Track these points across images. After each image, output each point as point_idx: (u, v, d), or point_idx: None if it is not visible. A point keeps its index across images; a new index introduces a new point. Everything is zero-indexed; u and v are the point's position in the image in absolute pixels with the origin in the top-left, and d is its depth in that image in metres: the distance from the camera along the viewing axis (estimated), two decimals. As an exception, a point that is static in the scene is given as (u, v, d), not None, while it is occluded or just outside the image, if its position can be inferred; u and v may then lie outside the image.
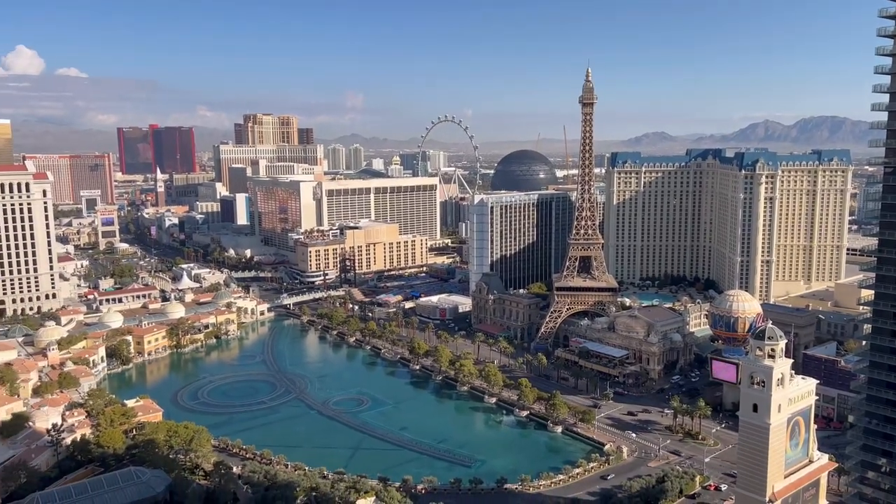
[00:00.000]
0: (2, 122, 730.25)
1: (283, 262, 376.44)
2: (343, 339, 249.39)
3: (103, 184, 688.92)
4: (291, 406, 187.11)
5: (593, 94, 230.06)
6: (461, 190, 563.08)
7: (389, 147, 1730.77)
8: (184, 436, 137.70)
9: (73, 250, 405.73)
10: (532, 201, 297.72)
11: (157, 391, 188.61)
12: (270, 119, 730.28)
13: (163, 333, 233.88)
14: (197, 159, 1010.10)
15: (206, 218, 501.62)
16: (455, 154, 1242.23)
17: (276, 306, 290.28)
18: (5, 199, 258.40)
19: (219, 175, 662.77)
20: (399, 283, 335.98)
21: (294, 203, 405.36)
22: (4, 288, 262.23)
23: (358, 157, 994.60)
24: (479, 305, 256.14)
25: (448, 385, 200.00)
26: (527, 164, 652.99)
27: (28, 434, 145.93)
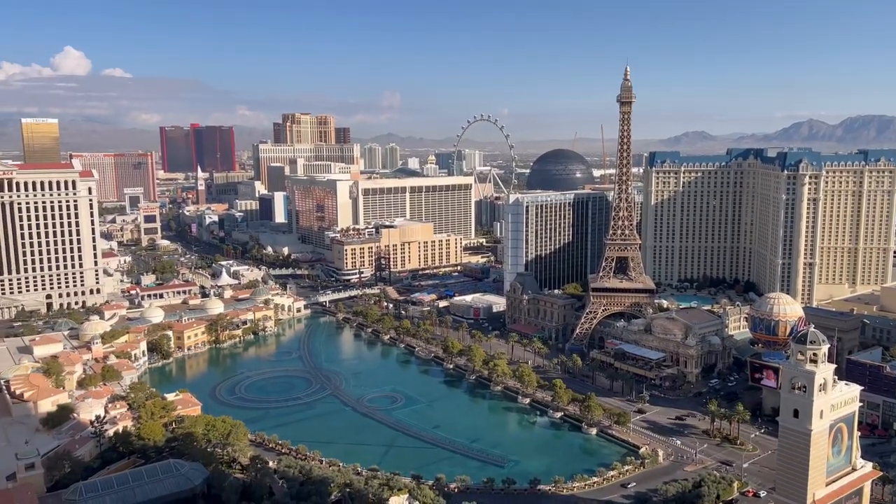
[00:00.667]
0: (50, 121, 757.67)
1: (319, 259, 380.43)
2: (377, 337, 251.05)
3: (146, 182, 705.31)
4: (326, 402, 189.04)
5: (632, 92, 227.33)
6: (496, 189, 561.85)
7: (425, 146, 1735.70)
8: (221, 430, 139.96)
9: (117, 247, 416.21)
10: (568, 201, 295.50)
11: (196, 385, 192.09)
12: (308, 119, 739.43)
13: (202, 329, 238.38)
14: (237, 158, 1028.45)
15: (245, 216, 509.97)
16: (491, 153, 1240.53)
17: (312, 303, 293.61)
18: (53, 197, 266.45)
19: (258, 174, 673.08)
20: (433, 281, 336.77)
21: (331, 202, 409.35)
22: (52, 283, 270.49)
23: (394, 156, 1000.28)
24: (514, 305, 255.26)
25: (481, 385, 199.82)
26: (563, 164, 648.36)
27: (72, 425, 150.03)
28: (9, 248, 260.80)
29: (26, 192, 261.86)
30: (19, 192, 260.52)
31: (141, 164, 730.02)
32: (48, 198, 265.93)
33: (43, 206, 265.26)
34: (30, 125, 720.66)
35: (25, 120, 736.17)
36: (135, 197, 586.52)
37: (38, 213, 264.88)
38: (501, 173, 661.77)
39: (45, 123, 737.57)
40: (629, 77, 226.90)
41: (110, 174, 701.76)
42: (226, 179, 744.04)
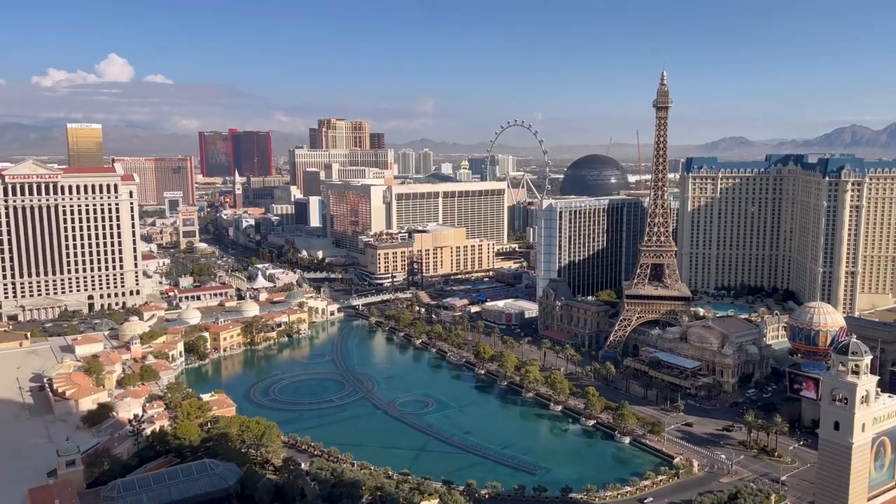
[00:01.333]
0: (94, 126, 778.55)
1: (353, 263, 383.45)
2: (409, 341, 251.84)
3: (185, 186, 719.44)
4: (359, 405, 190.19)
5: (668, 97, 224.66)
6: (529, 194, 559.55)
7: (458, 151, 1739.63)
8: (255, 431, 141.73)
9: (156, 249, 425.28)
10: (602, 206, 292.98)
11: (231, 386, 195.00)
12: (344, 124, 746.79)
13: (238, 331, 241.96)
14: (273, 163, 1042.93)
15: (280, 220, 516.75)
16: (524, 158, 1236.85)
17: (345, 307, 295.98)
18: (96, 200, 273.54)
19: (294, 178, 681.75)
20: (465, 286, 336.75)
21: (364, 206, 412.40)
22: (94, 284, 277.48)
23: (427, 161, 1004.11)
24: (546, 311, 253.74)
25: (513, 391, 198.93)
26: (597, 169, 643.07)
27: (111, 423, 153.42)
28: (53, 249, 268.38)
29: (70, 195, 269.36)
30: (64, 195, 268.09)
31: (180, 168, 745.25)
32: (91, 201, 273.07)
33: (86, 208, 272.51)
34: (75, 130, 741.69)
35: (71, 125, 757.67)
36: (174, 200, 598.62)
37: (82, 216, 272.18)
38: (535, 178, 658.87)
39: (90, 129, 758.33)
40: (665, 82, 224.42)
41: (151, 178, 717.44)
42: (262, 184, 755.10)
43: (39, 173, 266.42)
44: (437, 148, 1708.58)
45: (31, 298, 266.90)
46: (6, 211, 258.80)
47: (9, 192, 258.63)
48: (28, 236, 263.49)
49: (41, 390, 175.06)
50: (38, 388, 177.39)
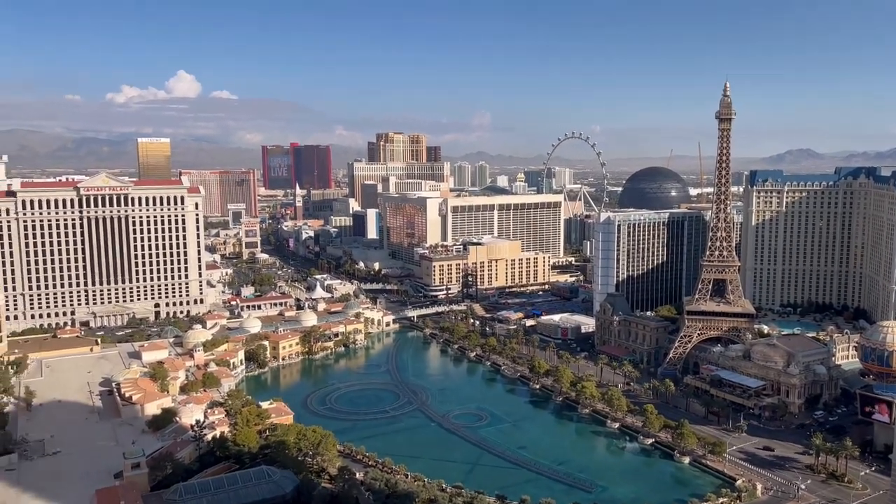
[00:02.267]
0: (163, 140, 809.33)
1: (408, 275, 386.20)
2: (464, 354, 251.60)
3: (248, 198, 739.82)
4: (413, 417, 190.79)
5: (731, 109, 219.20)
6: (587, 207, 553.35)
7: (515, 164, 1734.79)
8: (312, 439, 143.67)
9: (220, 259, 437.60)
10: (662, 220, 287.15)
11: (289, 395, 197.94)
12: (401, 138, 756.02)
13: (296, 340, 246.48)
14: (332, 176, 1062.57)
15: (339, 231, 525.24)
16: (581, 171, 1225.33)
17: (400, 318, 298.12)
18: (164, 211, 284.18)
19: (352, 191, 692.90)
20: (520, 300, 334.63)
21: (420, 218, 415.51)
22: (160, 292, 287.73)
23: (483, 174, 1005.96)
24: (603, 326, 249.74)
25: (569, 406, 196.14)
26: (657, 182, 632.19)
27: (174, 428, 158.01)
28: (123, 258, 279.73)
29: (140, 206, 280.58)
30: (134, 207, 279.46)
31: (244, 181, 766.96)
32: (159, 212, 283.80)
33: (154, 219, 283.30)
34: (145, 144, 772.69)
35: (141, 139, 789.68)
36: (237, 212, 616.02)
37: (150, 227, 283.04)
38: (592, 191, 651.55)
39: (159, 143, 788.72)
40: (729, 93, 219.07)
41: (215, 190, 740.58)
42: (322, 196, 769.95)
43: (112, 185, 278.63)
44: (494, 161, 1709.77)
45: (102, 306, 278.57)
46: (81, 221, 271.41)
47: (83, 203, 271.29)
48: (100, 246, 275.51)
49: (110, 394, 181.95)
50: (107, 392, 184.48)
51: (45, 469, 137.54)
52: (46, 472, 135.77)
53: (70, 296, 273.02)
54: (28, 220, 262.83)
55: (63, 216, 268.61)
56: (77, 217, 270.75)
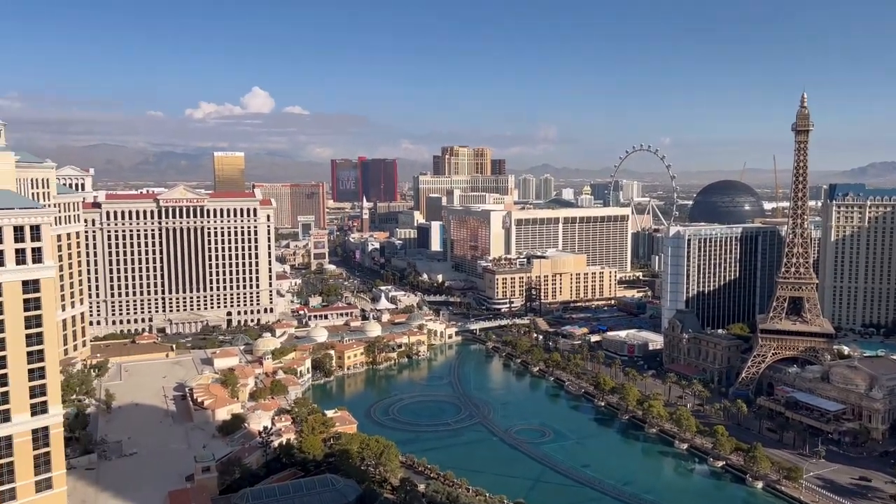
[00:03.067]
0: (237, 154, 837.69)
1: (471, 288, 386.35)
2: (526, 368, 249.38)
3: (317, 210, 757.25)
4: (474, 430, 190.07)
5: (808, 120, 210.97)
6: (655, 221, 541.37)
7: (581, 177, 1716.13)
8: (375, 449, 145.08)
9: (289, 270, 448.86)
10: (735, 235, 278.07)
11: (353, 404, 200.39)
12: (466, 151, 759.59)
13: (361, 350, 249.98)
14: (398, 189, 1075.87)
15: (403, 244, 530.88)
16: (650, 184, 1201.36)
17: (463, 331, 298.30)
18: (237, 223, 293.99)
19: (417, 204, 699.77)
20: (585, 315, 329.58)
21: (484, 231, 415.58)
22: (232, 301, 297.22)
23: (548, 187, 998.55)
24: (672, 344, 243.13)
25: (635, 425, 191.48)
26: (730, 196, 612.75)
27: (243, 434, 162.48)
28: (198, 268, 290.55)
29: (215, 218, 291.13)
30: (209, 218, 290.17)
31: (313, 194, 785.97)
32: (233, 224, 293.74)
33: (228, 230, 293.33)
34: (220, 158, 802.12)
35: (217, 153, 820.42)
36: (307, 224, 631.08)
37: (224, 238, 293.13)
38: (661, 205, 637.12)
39: (234, 156, 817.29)
40: (806, 103, 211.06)
41: (286, 203, 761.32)
42: (388, 209, 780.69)
43: (189, 198, 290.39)
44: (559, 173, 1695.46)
45: (177, 313, 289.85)
46: (160, 232, 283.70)
47: (162, 214, 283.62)
48: (177, 256, 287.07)
49: (183, 399, 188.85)
50: (181, 396, 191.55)
51: (123, 469, 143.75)
52: (123, 473, 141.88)
53: (148, 303, 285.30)
54: (111, 230, 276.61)
55: (143, 227, 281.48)
56: (156, 228, 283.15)
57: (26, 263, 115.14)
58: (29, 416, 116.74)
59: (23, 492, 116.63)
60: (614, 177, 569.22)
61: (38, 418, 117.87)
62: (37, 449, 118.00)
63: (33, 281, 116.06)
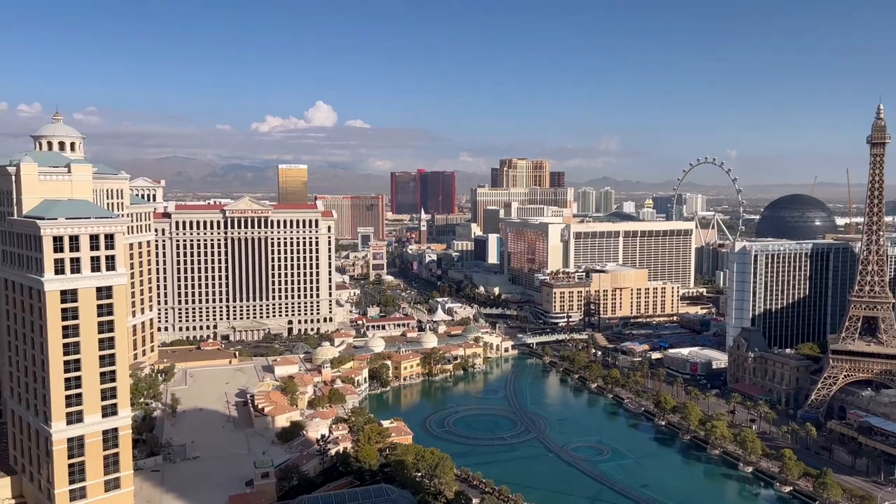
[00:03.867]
0: (301, 167, 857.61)
1: (528, 301, 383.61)
2: (584, 384, 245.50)
3: (376, 222, 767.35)
4: (530, 446, 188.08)
5: (885, 132, 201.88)
6: (720, 236, 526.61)
7: (642, 190, 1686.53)
8: (430, 461, 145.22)
9: (348, 280, 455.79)
10: (805, 251, 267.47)
11: (408, 415, 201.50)
12: (524, 163, 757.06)
13: (417, 361, 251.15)
14: (456, 201, 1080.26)
15: (460, 256, 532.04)
16: (715, 197, 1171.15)
17: (519, 344, 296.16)
18: (299, 234, 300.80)
19: (474, 216, 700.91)
20: (646, 331, 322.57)
21: (542, 244, 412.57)
22: (293, 310, 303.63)
23: (608, 199, 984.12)
24: (737, 363, 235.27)
25: (697, 446, 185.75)
26: (800, 210, 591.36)
27: (301, 441, 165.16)
28: (261, 277, 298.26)
29: (278, 228, 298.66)
30: (272, 229, 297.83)
31: (373, 206, 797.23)
32: (295, 234, 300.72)
33: (290, 241, 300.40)
34: (285, 170, 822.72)
35: (282, 166, 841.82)
36: (366, 235, 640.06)
37: (286, 248, 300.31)
38: (727, 219, 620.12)
39: (297, 169, 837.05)
40: (882, 115, 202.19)
41: (346, 214, 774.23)
42: (445, 221, 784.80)
43: (254, 209, 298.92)
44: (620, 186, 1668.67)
45: (240, 321, 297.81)
46: (226, 242, 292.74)
47: (228, 225, 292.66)
48: (241, 265, 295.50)
49: (244, 405, 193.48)
50: (242, 403, 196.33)
51: (186, 472, 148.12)
52: (186, 475, 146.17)
53: (213, 311, 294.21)
54: (180, 239, 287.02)
55: (210, 237, 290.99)
56: (222, 238, 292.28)
57: (100, 271, 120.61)
58: (100, 417, 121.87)
59: (93, 490, 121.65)
60: (677, 190, 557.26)
61: (109, 420, 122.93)
62: (107, 449, 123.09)
63: (107, 288, 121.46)
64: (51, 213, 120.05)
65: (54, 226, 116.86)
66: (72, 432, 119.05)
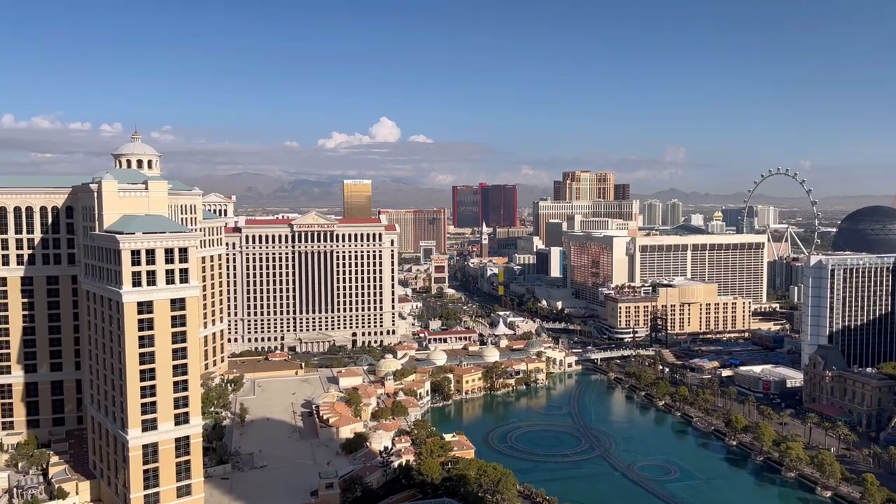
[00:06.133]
0: (365, 182, 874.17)
1: (592, 315, 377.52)
2: (651, 402, 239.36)
3: (438, 235, 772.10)
4: (594, 463, 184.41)
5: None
6: (794, 249, 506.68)
7: (711, 202, 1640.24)
8: (492, 476, 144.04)
9: (411, 293, 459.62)
10: (887, 265, 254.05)
11: (470, 429, 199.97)
12: (588, 176, 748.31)
13: (479, 375, 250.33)
14: (518, 214, 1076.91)
15: (522, 269, 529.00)
16: (788, 210, 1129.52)
17: (583, 360, 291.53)
18: (363, 247, 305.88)
19: (536, 229, 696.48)
20: (715, 347, 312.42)
21: (606, 258, 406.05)
22: (357, 322, 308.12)
23: (675, 212, 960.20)
24: (813, 382, 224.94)
25: (770, 468, 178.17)
26: (880, 222, 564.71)
27: (365, 453, 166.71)
28: (327, 290, 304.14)
29: (343, 242, 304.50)
30: (337, 243, 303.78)
31: (435, 219, 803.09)
32: (359, 248, 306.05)
33: (355, 254, 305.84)
34: (349, 185, 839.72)
35: (346, 181, 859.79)
36: (428, 249, 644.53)
37: (351, 261, 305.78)
38: (801, 232, 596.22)
39: (361, 184, 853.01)
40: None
41: (409, 228, 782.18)
42: (507, 234, 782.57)
43: (320, 223, 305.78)
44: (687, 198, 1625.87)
45: (306, 333, 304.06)
46: (293, 255, 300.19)
47: (296, 238, 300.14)
48: (308, 278, 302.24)
49: (310, 415, 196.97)
50: (308, 413, 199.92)
51: (253, 481, 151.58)
52: (254, 484, 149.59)
53: (281, 322, 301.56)
54: (250, 253, 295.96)
55: (278, 250, 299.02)
56: (290, 251, 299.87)
57: (175, 283, 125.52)
58: (173, 425, 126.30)
59: (166, 496, 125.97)
60: (748, 202, 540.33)
61: (181, 428, 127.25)
62: (179, 457, 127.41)
63: (180, 299, 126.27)
64: (129, 227, 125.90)
65: (132, 240, 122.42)
66: (147, 439, 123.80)
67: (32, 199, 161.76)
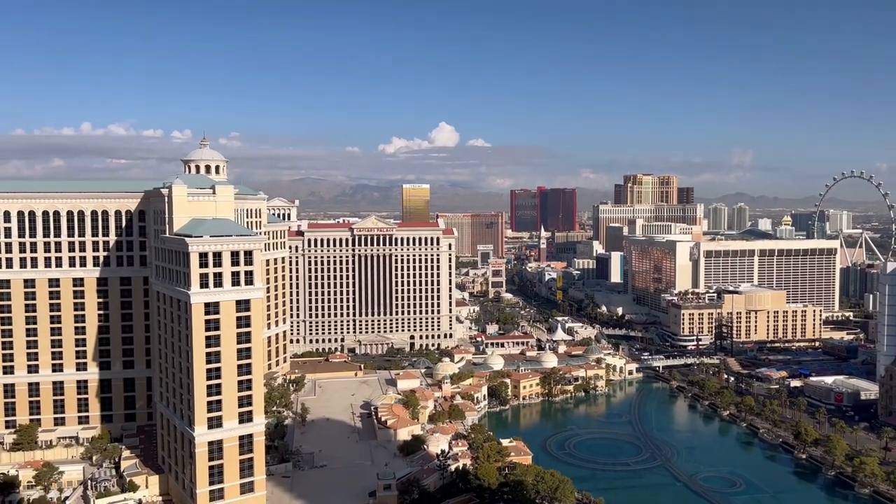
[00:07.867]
0: (423, 186, 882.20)
1: (653, 322, 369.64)
2: (715, 412, 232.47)
3: (496, 239, 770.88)
4: (655, 473, 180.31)
5: None
6: (869, 256, 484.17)
7: (779, 206, 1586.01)
8: (550, 483, 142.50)
9: (468, 297, 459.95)
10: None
11: (528, 435, 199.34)
12: (650, 179, 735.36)
13: (536, 380, 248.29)
14: (577, 218, 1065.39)
15: (581, 274, 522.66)
16: (862, 214, 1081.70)
17: (644, 367, 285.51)
18: (421, 251, 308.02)
19: (596, 233, 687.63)
20: (784, 356, 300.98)
21: (669, 263, 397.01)
22: (415, 325, 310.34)
23: (742, 216, 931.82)
24: (890, 394, 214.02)
25: (842, 483, 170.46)
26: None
27: (422, 455, 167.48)
28: (386, 293, 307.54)
29: (401, 246, 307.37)
30: (396, 246, 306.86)
31: (492, 223, 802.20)
32: (417, 251, 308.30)
33: (413, 258, 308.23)
34: (408, 190, 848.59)
35: (405, 186, 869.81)
36: (485, 253, 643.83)
37: (409, 265, 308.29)
38: (877, 237, 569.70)
39: (420, 188, 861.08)
40: None
41: (467, 232, 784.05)
42: (566, 239, 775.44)
43: (379, 227, 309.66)
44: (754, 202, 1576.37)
45: (365, 335, 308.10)
46: (353, 258, 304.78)
47: (356, 242, 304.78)
48: (367, 281, 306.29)
49: (368, 417, 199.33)
50: (366, 414, 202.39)
51: (313, 480, 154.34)
52: (313, 483, 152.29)
53: (341, 324, 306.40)
54: (312, 256, 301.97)
55: (339, 253, 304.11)
56: (350, 254, 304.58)
57: (240, 285, 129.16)
58: (237, 423, 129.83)
59: (230, 492, 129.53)
60: (819, 206, 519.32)
61: (245, 426, 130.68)
62: (242, 454, 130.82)
63: (245, 301, 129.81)
64: (197, 231, 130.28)
65: (200, 243, 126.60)
66: (212, 436, 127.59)
67: (108, 204, 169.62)
